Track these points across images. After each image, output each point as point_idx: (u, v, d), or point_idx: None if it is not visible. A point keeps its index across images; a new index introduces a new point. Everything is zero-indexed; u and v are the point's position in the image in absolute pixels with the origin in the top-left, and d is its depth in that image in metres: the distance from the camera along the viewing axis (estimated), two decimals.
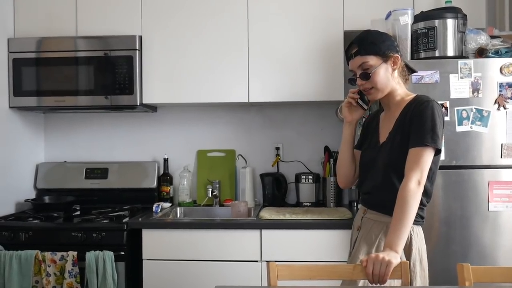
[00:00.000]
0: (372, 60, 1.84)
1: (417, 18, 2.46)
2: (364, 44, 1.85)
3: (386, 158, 1.84)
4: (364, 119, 2.15)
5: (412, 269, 1.76)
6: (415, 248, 1.79)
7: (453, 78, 2.32)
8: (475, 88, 2.31)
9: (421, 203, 1.75)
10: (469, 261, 1.64)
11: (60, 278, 2.46)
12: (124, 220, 2.60)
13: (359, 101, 1.97)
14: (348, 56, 1.91)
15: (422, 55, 2.43)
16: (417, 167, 1.71)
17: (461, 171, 2.32)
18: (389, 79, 1.87)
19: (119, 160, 3.24)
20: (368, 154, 1.97)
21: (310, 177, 3.03)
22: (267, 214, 2.66)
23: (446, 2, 2.59)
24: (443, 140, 2.22)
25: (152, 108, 3.16)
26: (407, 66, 1.97)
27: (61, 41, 2.86)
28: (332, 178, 2.98)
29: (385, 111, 1.97)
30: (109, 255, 2.45)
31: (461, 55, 2.41)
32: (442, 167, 2.24)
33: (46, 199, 3.08)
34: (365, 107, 1.98)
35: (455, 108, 2.30)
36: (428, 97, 1.83)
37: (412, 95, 1.88)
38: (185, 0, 2.86)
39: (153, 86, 2.87)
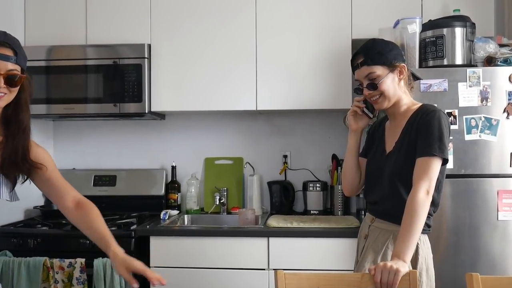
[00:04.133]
0: (379, 70, 1.82)
1: (425, 27, 2.46)
2: (370, 54, 1.83)
3: (393, 168, 1.83)
4: (370, 126, 2.15)
5: (419, 278, 1.75)
6: (421, 257, 1.78)
7: (461, 86, 2.31)
8: (484, 97, 2.30)
9: (428, 213, 1.74)
10: (478, 271, 1.62)
11: (68, 285, 2.46)
12: (132, 228, 2.62)
13: (365, 109, 1.97)
14: (354, 66, 1.90)
15: (431, 63, 2.43)
16: (425, 177, 1.70)
17: (470, 180, 2.30)
18: (396, 88, 1.86)
19: (127, 168, 3.25)
20: (374, 163, 1.97)
21: (317, 185, 3.03)
22: (275, 222, 2.66)
23: (454, 10, 2.58)
24: (451, 149, 2.22)
25: (161, 115, 3.17)
26: (412, 74, 1.96)
27: (71, 50, 2.88)
28: (339, 186, 2.97)
29: (391, 120, 1.96)
30: None
31: (469, 64, 2.41)
32: (450, 176, 2.24)
33: (55, 206, 3.08)
34: (371, 115, 1.97)
35: (464, 117, 2.29)
36: (435, 106, 1.82)
37: (418, 104, 1.87)
38: (194, 9, 2.89)
39: (162, 94, 2.89)
